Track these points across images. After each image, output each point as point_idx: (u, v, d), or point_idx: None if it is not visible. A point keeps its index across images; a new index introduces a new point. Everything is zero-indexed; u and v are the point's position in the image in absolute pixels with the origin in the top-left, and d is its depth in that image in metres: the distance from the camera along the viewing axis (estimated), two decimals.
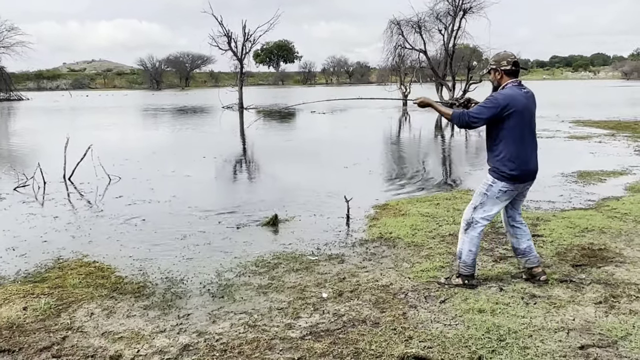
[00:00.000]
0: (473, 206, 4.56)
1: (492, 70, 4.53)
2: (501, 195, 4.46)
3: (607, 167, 10.57)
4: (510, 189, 4.45)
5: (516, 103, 4.32)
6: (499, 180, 4.41)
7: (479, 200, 4.52)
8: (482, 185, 4.53)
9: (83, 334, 3.86)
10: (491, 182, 4.46)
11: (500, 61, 4.46)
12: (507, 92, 4.38)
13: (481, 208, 4.51)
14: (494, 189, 4.44)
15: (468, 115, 4.40)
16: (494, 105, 4.32)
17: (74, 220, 7.25)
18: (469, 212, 4.59)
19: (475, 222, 4.53)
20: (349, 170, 11.14)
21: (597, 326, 3.81)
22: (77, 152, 10.33)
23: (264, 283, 4.77)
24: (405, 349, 3.50)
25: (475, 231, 4.53)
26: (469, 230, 4.55)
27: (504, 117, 4.32)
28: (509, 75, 4.46)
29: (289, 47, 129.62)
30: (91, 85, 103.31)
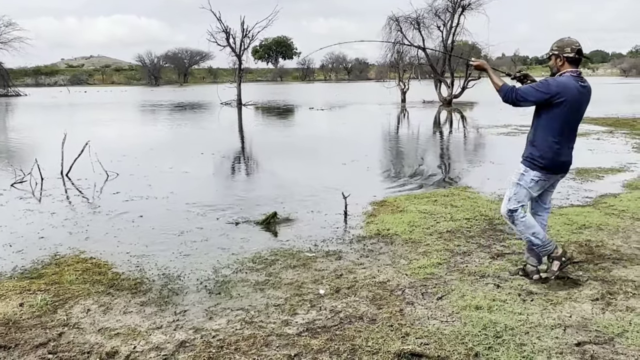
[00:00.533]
0: (507, 198, 4.49)
1: (553, 55, 4.34)
2: (533, 184, 4.39)
3: (605, 164, 10.57)
4: (542, 178, 4.37)
5: (568, 93, 4.19)
6: (530, 169, 4.35)
7: (513, 192, 4.45)
8: (515, 175, 4.46)
9: (79, 330, 3.85)
10: (523, 170, 4.40)
11: (564, 47, 4.29)
12: (562, 80, 4.24)
13: (515, 198, 4.44)
14: (527, 178, 4.37)
15: (516, 93, 4.30)
16: (545, 90, 4.21)
17: (71, 216, 7.23)
18: (504, 206, 4.51)
19: (514, 210, 4.44)
20: (347, 166, 11.12)
21: (594, 323, 3.81)
22: (75, 148, 10.31)
23: (261, 279, 4.76)
24: (401, 345, 3.50)
25: (521, 216, 4.44)
26: (516, 220, 4.46)
27: (552, 105, 4.21)
28: (571, 64, 4.31)
29: (288, 44, 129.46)
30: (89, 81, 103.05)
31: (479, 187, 8.60)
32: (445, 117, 26.06)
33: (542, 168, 4.32)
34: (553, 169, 4.36)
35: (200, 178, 10.31)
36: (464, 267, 4.97)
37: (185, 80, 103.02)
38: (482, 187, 8.64)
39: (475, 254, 5.34)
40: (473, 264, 5.05)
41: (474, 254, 5.34)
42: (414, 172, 10.63)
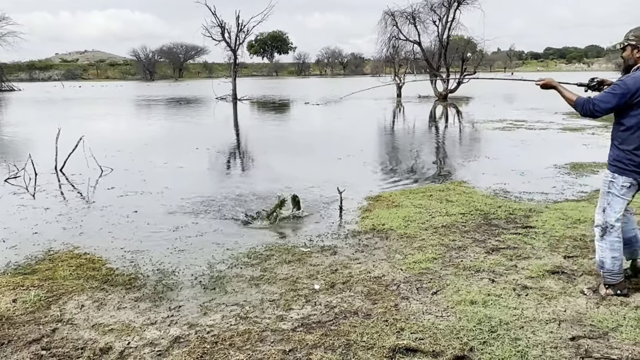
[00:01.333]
0: (602, 209, 4.11)
1: (629, 46, 3.94)
2: (625, 191, 4.02)
3: (600, 158, 10.56)
4: (634, 183, 4.00)
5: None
6: (619, 175, 4.00)
7: (606, 202, 4.08)
8: (604, 184, 4.12)
9: (73, 326, 3.83)
10: (611, 177, 4.06)
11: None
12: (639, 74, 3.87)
13: (611, 209, 4.06)
14: (617, 185, 4.02)
15: (592, 104, 3.94)
16: (623, 91, 3.83)
17: (65, 211, 7.20)
18: (599, 216, 4.13)
19: (610, 226, 4.07)
20: (342, 161, 11.11)
21: (588, 317, 3.81)
22: (69, 143, 10.26)
23: (256, 275, 4.75)
24: (396, 340, 3.49)
25: (612, 235, 4.07)
26: (606, 236, 4.09)
27: (635, 104, 3.84)
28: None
29: (283, 38, 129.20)
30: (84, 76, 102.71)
31: (474, 182, 8.61)
32: (440, 112, 26.05)
33: (633, 172, 3.97)
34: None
35: (196, 173, 10.27)
36: (459, 262, 4.97)
37: (180, 75, 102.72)
38: (477, 182, 8.65)
39: (470, 248, 5.34)
40: (468, 258, 5.05)
41: (469, 248, 5.34)
42: (409, 167, 10.63)
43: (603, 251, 4.12)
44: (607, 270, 4.11)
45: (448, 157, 12.29)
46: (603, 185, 4.13)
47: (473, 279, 4.54)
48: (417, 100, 34.01)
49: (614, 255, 4.08)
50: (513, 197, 7.50)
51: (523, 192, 7.79)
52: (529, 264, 4.87)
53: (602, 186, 4.14)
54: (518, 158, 11.10)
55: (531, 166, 9.91)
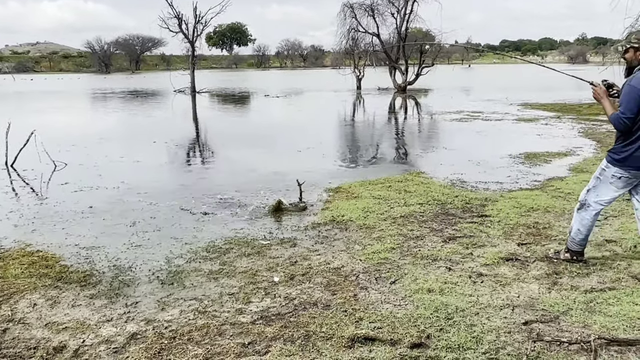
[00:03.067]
0: (587, 188, 4.52)
1: (632, 48, 4.15)
2: (615, 181, 4.30)
3: (553, 148, 10.90)
4: (625, 175, 4.24)
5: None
6: (611, 165, 4.29)
7: (592, 184, 4.46)
8: (598, 169, 4.45)
9: (25, 325, 3.73)
10: (604, 166, 4.35)
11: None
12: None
13: (594, 191, 4.43)
14: (607, 173, 4.32)
15: (619, 118, 4.11)
16: (637, 96, 4.05)
17: (16, 208, 6.97)
18: (583, 193, 4.55)
19: (587, 204, 4.47)
20: (302, 154, 11.11)
21: (541, 302, 3.92)
22: (21, 137, 9.94)
23: (215, 269, 4.71)
24: (355, 330, 3.52)
25: (587, 213, 4.48)
26: (581, 210, 4.53)
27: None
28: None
29: (243, 30, 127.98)
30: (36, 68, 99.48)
31: (432, 173, 8.74)
32: (399, 103, 26.31)
33: (622, 164, 4.21)
34: (635, 164, 4.19)
35: (153, 167, 10.10)
36: (416, 251, 5.04)
37: (137, 67, 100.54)
38: (435, 172, 8.78)
39: (428, 238, 5.43)
40: (426, 248, 5.13)
41: (426, 238, 5.43)
42: (369, 159, 10.71)
43: (574, 221, 4.59)
44: (571, 238, 4.61)
45: (407, 148, 12.42)
46: (597, 170, 4.46)
47: (430, 268, 4.62)
48: (377, 92, 34.23)
49: (579, 229, 4.53)
50: (469, 187, 7.64)
51: (479, 182, 7.95)
52: (484, 251, 4.98)
53: (597, 170, 4.47)
54: (475, 148, 11.31)
55: (487, 156, 10.13)
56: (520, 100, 24.34)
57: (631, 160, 4.18)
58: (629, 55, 4.18)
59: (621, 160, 4.21)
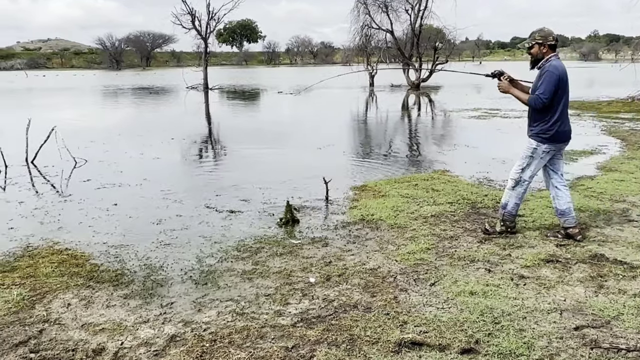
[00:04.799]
0: (521, 167, 5.13)
1: (537, 44, 5.00)
2: (545, 155, 5.04)
3: (577, 146, 10.69)
4: (552, 149, 5.03)
5: (563, 73, 4.91)
6: (542, 143, 4.99)
7: (525, 162, 5.10)
8: (527, 149, 5.09)
9: (61, 326, 3.65)
10: (535, 145, 5.02)
11: (547, 36, 4.97)
12: (556, 64, 4.91)
13: (528, 169, 5.10)
14: (539, 151, 5.02)
15: (539, 98, 4.89)
16: (556, 80, 4.85)
17: (40, 205, 6.92)
18: (516, 172, 5.16)
19: (523, 180, 5.15)
20: (323, 151, 10.99)
21: (589, 306, 3.80)
22: (39, 134, 9.91)
23: (248, 268, 4.62)
24: (401, 334, 3.41)
25: (522, 188, 5.19)
26: (517, 187, 5.17)
27: (558, 87, 4.87)
28: (552, 49, 5.00)
29: (253, 27, 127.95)
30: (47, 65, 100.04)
31: (457, 171, 8.59)
32: (414, 101, 26.12)
33: (553, 140, 4.97)
34: (562, 137, 5.02)
35: (173, 164, 10.04)
36: (452, 252, 4.92)
37: (148, 63, 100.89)
38: (460, 170, 8.63)
39: (463, 238, 5.30)
40: (461, 248, 5.01)
41: (461, 238, 5.30)
42: (390, 156, 10.57)
43: (510, 197, 5.23)
44: (508, 212, 5.25)
45: (428, 146, 12.27)
46: (526, 151, 5.10)
47: (469, 269, 4.50)
48: (390, 89, 34.05)
49: (517, 202, 5.25)
50: (497, 186, 7.50)
51: (507, 181, 7.78)
52: (523, 253, 4.85)
53: (525, 151, 5.11)
54: (497, 146, 11.16)
55: (511, 154, 9.92)
56: None
57: (557, 136, 4.99)
58: (535, 50, 5.03)
59: (550, 138, 4.97)
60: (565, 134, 5.08)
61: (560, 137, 5.03)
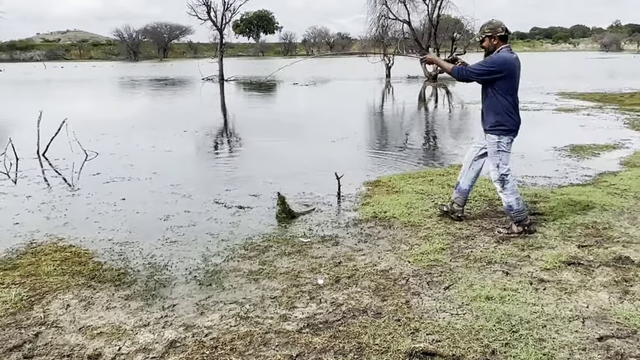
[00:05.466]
0: (496, 165, 5.11)
1: (487, 37, 5.00)
2: (508, 146, 5.07)
3: (599, 140, 10.37)
4: (512, 139, 5.09)
5: (509, 66, 4.91)
6: (504, 135, 5.01)
7: (497, 159, 5.08)
8: (492, 146, 5.09)
9: (58, 329, 3.51)
10: (498, 139, 5.03)
11: (496, 28, 4.97)
12: (503, 55, 4.94)
13: (502, 164, 5.08)
14: (503, 143, 5.03)
15: (467, 71, 5.02)
16: (492, 67, 4.90)
17: (48, 199, 6.81)
18: (495, 173, 5.13)
19: (505, 175, 5.09)
20: (336, 144, 10.78)
21: (613, 314, 3.57)
22: (52, 126, 9.83)
23: (255, 269, 4.45)
24: (412, 343, 3.22)
25: (510, 183, 5.12)
26: (505, 184, 5.10)
27: (501, 78, 4.90)
28: (503, 41, 5.00)
29: (269, 18, 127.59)
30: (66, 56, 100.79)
31: None
32: (431, 92, 25.75)
33: (511, 131, 5.03)
34: (517, 129, 5.08)
35: (185, 157, 9.91)
36: (468, 252, 4.71)
37: (165, 55, 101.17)
38: None
39: (479, 237, 5.08)
40: (478, 249, 4.79)
41: (477, 238, 5.08)
42: (405, 150, 10.34)
43: (508, 197, 5.10)
44: (516, 210, 5.06)
45: (445, 140, 12.00)
46: (492, 147, 5.08)
47: (486, 272, 4.28)
48: (407, 80, 33.64)
49: (517, 197, 5.09)
50: (516, 182, 7.23)
51: (525, 176, 7.54)
52: (542, 254, 4.61)
53: (491, 148, 5.10)
54: (516, 140, 10.79)
55: (530, 148, 9.65)
56: (556, 89, 23.57)
57: (514, 127, 5.05)
58: (486, 43, 5.02)
59: (511, 129, 5.02)
60: (518, 125, 5.12)
61: (517, 128, 5.09)
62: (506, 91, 4.94)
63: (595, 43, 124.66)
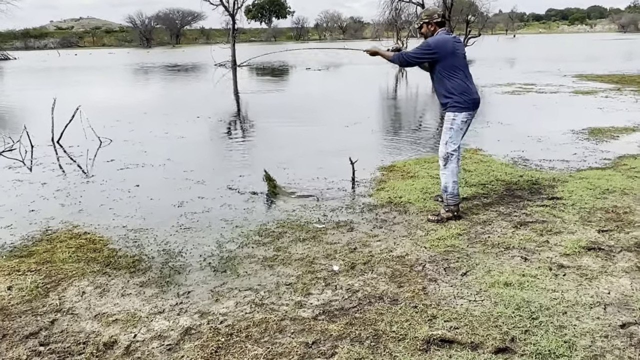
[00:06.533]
0: (444, 142, 5.09)
1: (424, 24, 5.10)
2: (463, 125, 5.05)
3: (618, 123, 10.18)
4: (469, 118, 5.06)
5: (447, 45, 4.97)
6: (459, 112, 5.00)
7: (447, 136, 5.06)
8: (447, 122, 5.07)
9: (73, 316, 3.51)
10: (453, 116, 5.02)
11: (432, 15, 5.11)
12: (438, 37, 5.04)
13: (451, 142, 5.05)
14: (457, 121, 5.02)
15: (406, 55, 5.16)
16: (428, 48, 5.00)
17: (63, 186, 6.83)
18: (442, 149, 5.12)
19: (450, 154, 5.07)
20: (350, 129, 10.69)
21: (636, 300, 3.49)
22: (66, 113, 9.86)
23: (269, 255, 4.42)
24: (429, 330, 3.17)
25: (453, 163, 5.09)
26: (448, 164, 5.09)
27: (442, 58, 4.97)
28: (440, 26, 5.10)
29: (281, 2, 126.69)
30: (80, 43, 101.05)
31: (490, 150, 8.22)
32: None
33: (467, 108, 5.00)
34: (473, 105, 5.05)
35: (198, 143, 9.88)
36: (485, 238, 4.63)
37: (177, 41, 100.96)
38: (493, 149, 8.26)
39: (496, 222, 5.00)
40: (495, 234, 4.72)
41: (494, 223, 5.00)
42: (420, 135, 10.23)
43: (446, 177, 5.11)
44: (450, 193, 5.08)
45: None
46: (446, 124, 5.07)
47: (504, 258, 4.21)
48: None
49: (454, 180, 5.09)
50: (533, 166, 7.13)
51: (543, 160, 7.42)
52: (562, 239, 4.53)
53: (445, 124, 5.08)
54: (532, 123, 10.66)
55: (547, 132, 9.52)
56: (573, 71, 23.20)
57: (471, 104, 5.01)
58: (424, 29, 5.13)
59: (466, 106, 4.98)
60: (477, 101, 5.12)
61: (474, 104, 5.07)
62: (451, 70, 4.99)
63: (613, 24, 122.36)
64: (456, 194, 5.11)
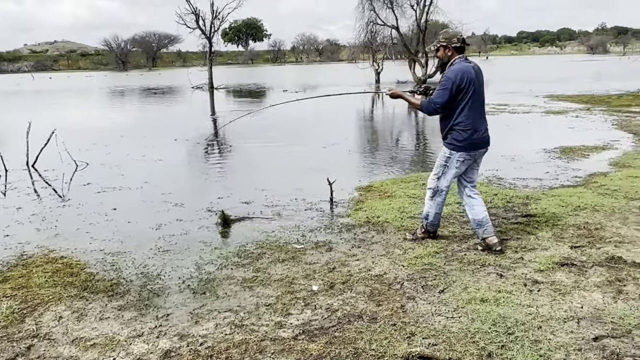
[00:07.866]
0: (437, 176, 4.86)
1: (442, 47, 4.70)
2: (459, 164, 4.75)
3: (588, 141, 10.45)
4: (467, 158, 4.73)
5: (466, 76, 4.56)
6: (455, 151, 4.70)
7: (441, 171, 4.83)
8: (441, 158, 4.82)
9: (51, 341, 3.47)
10: (449, 154, 4.75)
11: (451, 38, 4.67)
12: (457, 67, 4.61)
13: (444, 178, 4.83)
14: (453, 160, 4.73)
15: (434, 103, 4.69)
16: (449, 85, 4.56)
17: (38, 211, 6.76)
18: (433, 181, 4.90)
19: (440, 190, 4.89)
20: (327, 150, 10.79)
21: (608, 314, 3.58)
22: (41, 137, 9.77)
23: (249, 276, 4.43)
24: (408, 347, 3.21)
25: (440, 197, 4.92)
26: (435, 197, 4.92)
27: (460, 92, 4.58)
28: (458, 52, 4.69)
29: (258, 26, 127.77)
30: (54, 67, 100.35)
31: None
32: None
33: (466, 148, 4.67)
34: (475, 145, 4.70)
35: (176, 166, 9.86)
36: (462, 255, 4.71)
37: (154, 64, 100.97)
38: None
39: (473, 240, 5.09)
40: (471, 251, 4.80)
41: (470, 240, 5.09)
42: (396, 155, 10.37)
43: (430, 208, 4.96)
44: (430, 222, 5.00)
45: (436, 144, 12.00)
46: (441, 159, 4.83)
47: (480, 274, 4.29)
48: (396, 85, 33.73)
49: (437, 212, 4.97)
50: (507, 184, 7.28)
51: (517, 179, 7.58)
52: (536, 256, 4.63)
53: (440, 159, 4.84)
54: (506, 143, 10.85)
55: (520, 151, 9.72)
56: (545, 92, 23.75)
57: (472, 143, 4.66)
58: (440, 53, 4.74)
59: (465, 146, 4.65)
60: (481, 141, 4.72)
61: (476, 145, 4.69)
62: (465, 104, 4.59)
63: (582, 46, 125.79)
64: (436, 223, 5.03)
